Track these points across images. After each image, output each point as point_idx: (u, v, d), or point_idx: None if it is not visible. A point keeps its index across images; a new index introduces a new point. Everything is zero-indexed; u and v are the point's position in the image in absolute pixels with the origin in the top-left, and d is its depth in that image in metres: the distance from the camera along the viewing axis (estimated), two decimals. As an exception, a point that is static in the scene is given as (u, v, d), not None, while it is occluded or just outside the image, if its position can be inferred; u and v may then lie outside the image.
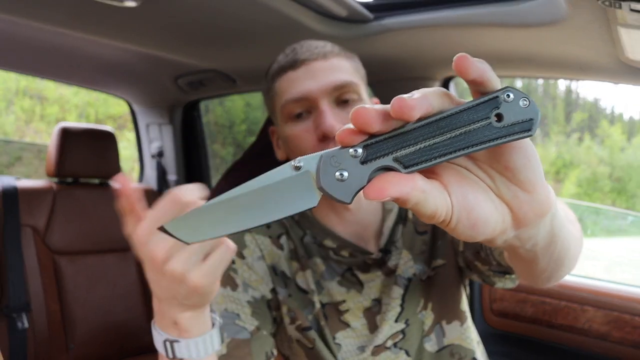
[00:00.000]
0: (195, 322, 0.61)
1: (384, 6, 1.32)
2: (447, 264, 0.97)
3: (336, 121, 0.86)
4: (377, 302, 0.94)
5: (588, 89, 14.22)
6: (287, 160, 1.34)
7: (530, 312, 1.51)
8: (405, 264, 0.95)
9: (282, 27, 1.34)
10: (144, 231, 0.55)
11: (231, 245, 0.58)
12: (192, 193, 0.56)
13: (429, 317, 0.95)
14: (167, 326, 0.61)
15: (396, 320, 0.93)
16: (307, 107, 0.89)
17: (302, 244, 0.97)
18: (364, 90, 0.93)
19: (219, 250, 0.57)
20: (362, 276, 0.95)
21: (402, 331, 0.93)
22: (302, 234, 0.98)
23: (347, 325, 0.93)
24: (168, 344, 0.61)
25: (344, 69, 0.91)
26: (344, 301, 0.94)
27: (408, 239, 0.97)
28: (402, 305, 0.93)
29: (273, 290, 0.94)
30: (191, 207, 0.53)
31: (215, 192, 1.45)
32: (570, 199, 10.59)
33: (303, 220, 1.00)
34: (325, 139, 0.86)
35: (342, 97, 0.89)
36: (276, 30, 1.36)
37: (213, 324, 0.65)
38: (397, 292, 0.94)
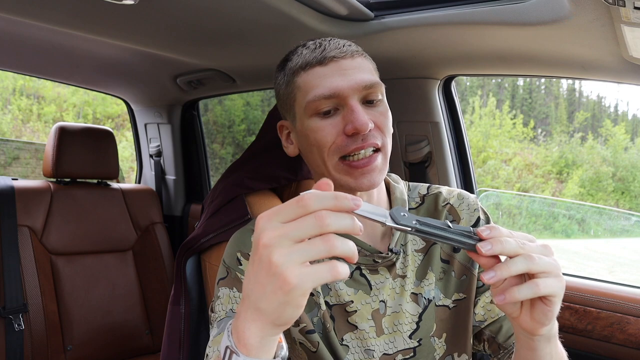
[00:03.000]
0: (260, 341, 0.60)
1: (385, 5, 1.31)
2: (467, 298, 0.97)
3: (367, 118, 0.87)
4: (384, 303, 0.94)
5: (591, 88, 14.20)
6: (290, 165, 1.33)
7: (532, 314, 1.49)
8: (429, 285, 0.96)
9: (282, 26, 1.33)
10: (266, 215, 0.57)
11: (341, 271, 0.55)
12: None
13: (441, 347, 0.95)
14: (237, 334, 0.61)
15: (410, 336, 0.93)
16: (335, 105, 0.89)
17: None
18: (384, 91, 0.95)
19: (325, 264, 0.55)
20: (370, 277, 0.95)
21: (414, 350, 0.94)
22: None
23: (354, 326, 0.93)
24: (228, 350, 0.61)
25: (369, 70, 0.93)
26: (351, 302, 0.94)
27: (430, 260, 0.98)
28: (418, 324, 0.94)
29: None
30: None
31: (214, 192, 1.44)
32: (573, 200, 10.58)
33: None
34: (354, 135, 0.87)
35: (368, 97, 0.90)
36: (276, 29, 1.35)
37: (275, 357, 0.64)
38: (414, 309, 0.94)
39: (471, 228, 0.64)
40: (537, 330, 0.69)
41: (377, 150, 0.88)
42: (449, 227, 0.62)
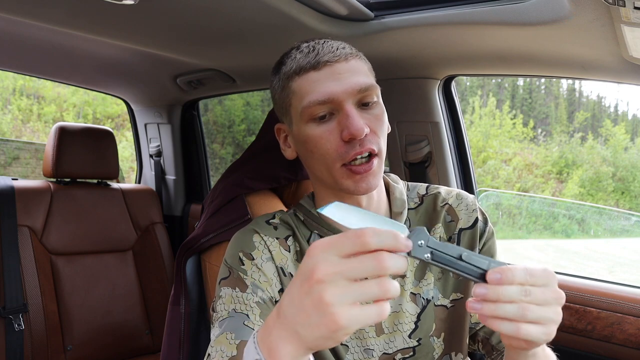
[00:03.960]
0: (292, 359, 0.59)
1: (385, 4, 1.31)
2: (464, 298, 0.98)
3: (363, 123, 0.86)
4: None
5: (591, 88, 14.19)
6: (290, 166, 1.33)
7: (532, 314, 1.49)
8: (428, 285, 0.97)
9: (282, 26, 1.33)
10: (322, 245, 0.56)
11: (387, 312, 0.55)
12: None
13: (439, 346, 0.96)
14: (267, 349, 0.60)
15: (410, 336, 0.94)
16: (330, 109, 0.89)
17: (309, 245, 0.97)
18: (380, 93, 0.94)
19: (375, 307, 0.55)
20: None
21: (413, 349, 0.94)
22: (309, 234, 0.99)
23: None
24: None
25: (364, 72, 0.92)
26: None
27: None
28: (416, 323, 0.95)
29: (281, 291, 0.94)
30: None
31: (214, 192, 1.44)
32: (573, 200, 10.58)
33: (309, 220, 0.99)
34: (351, 140, 0.87)
35: (363, 100, 0.90)
36: (276, 29, 1.35)
37: None
38: (414, 309, 0.95)
39: (485, 262, 0.62)
40: (518, 349, 0.70)
41: (372, 154, 0.88)
42: (462, 259, 0.61)
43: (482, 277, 0.61)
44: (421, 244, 0.60)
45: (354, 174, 0.88)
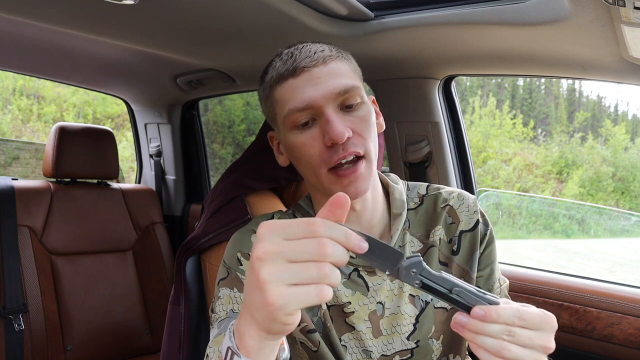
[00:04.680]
0: (258, 344, 0.59)
1: (385, 4, 1.31)
2: None
3: (343, 127, 0.85)
4: (381, 305, 0.94)
5: (591, 88, 14.19)
6: (290, 166, 1.34)
7: (532, 314, 1.49)
8: None
9: (282, 26, 1.33)
10: (270, 225, 0.56)
11: (328, 294, 0.55)
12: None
13: (437, 348, 0.95)
14: (238, 335, 0.61)
15: (408, 338, 0.93)
16: (312, 115, 0.88)
17: None
18: (364, 92, 0.93)
19: (313, 287, 0.54)
20: (368, 278, 0.95)
21: (412, 351, 0.94)
22: None
23: (352, 327, 0.93)
24: (230, 351, 0.61)
25: (345, 73, 0.90)
26: (349, 303, 0.94)
27: (428, 261, 0.98)
28: (415, 325, 0.94)
29: None
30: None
31: (214, 192, 1.44)
32: (573, 200, 10.58)
33: None
34: (333, 146, 0.86)
35: (346, 103, 0.88)
36: (276, 29, 1.35)
37: None
38: (412, 311, 0.94)
39: (475, 299, 0.62)
40: None
41: (359, 157, 0.87)
42: (452, 293, 0.62)
43: (464, 310, 0.63)
44: (413, 272, 0.60)
45: (341, 178, 0.87)
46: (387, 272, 0.59)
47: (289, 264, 0.54)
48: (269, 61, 0.97)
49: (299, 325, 0.92)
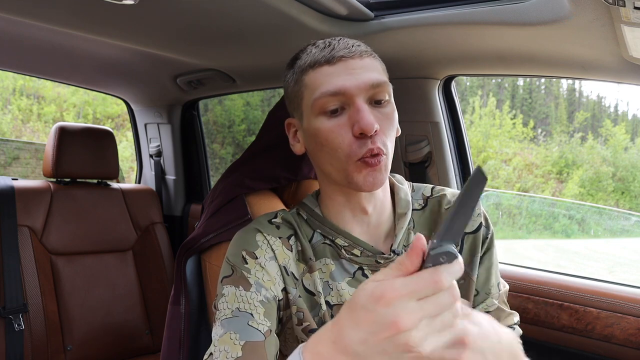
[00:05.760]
0: None
1: (385, 4, 1.31)
2: (465, 281, 0.98)
3: (373, 119, 0.86)
4: None
5: (591, 88, 14.20)
6: (290, 166, 1.33)
7: (533, 313, 1.49)
8: None
9: (282, 26, 1.33)
10: (398, 292, 0.55)
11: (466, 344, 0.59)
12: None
13: None
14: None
15: None
16: (342, 103, 0.89)
17: (310, 245, 0.97)
18: (392, 92, 0.94)
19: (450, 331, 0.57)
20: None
21: None
22: (311, 234, 0.98)
23: None
24: None
25: (378, 69, 0.92)
26: None
27: None
28: None
29: (284, 290, 0.94)
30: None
31: (214, 192, 1.44)
32: (573, 200, 10.57)
33: (312, 220, 0.99)
34: (362, 136, 0.86)
35: (375, 97, 0.90)
36: (276, 29, 1.35)
37: None
38: None
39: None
40: None
41: (380, 153, 0.88)
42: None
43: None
44: (443, 259, 0.57)
45: (367, 167, 0.87)
46: (436, 239, 0.56)
47: (431, 322, 0.55)
48: (298, 50, 0.98)
49: (301, 324, 0.92)
